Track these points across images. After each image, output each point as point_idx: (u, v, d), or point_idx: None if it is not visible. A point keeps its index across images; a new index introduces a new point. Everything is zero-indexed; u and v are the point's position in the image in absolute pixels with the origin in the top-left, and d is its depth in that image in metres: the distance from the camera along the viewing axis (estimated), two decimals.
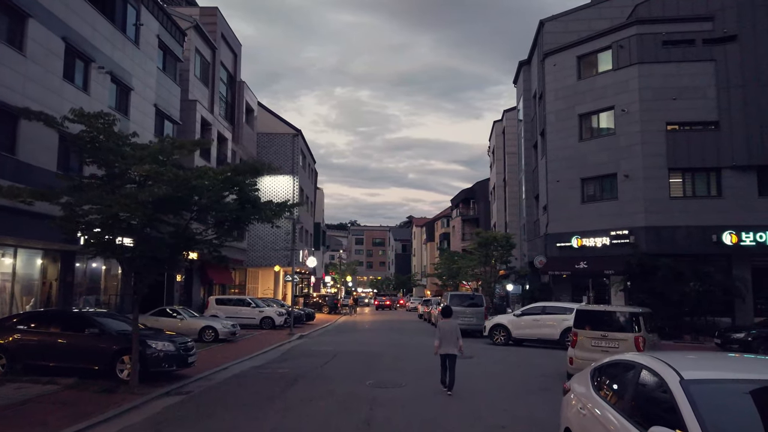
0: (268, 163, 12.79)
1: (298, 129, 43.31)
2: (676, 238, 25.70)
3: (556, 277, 29.44)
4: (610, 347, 12.81)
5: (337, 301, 49.46)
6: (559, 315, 21.73)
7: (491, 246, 35.67)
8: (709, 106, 26.11)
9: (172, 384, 12.21)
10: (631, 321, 13.00)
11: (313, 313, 36.18)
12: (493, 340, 22.77)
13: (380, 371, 14.75)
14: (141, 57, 22.26)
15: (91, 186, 10.85)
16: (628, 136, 26.85)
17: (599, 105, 28.22)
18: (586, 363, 13.43)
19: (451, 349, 11.55)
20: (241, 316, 28.53)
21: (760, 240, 24.86)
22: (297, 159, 42.45)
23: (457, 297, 27.85)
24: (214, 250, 13.23)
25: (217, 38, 31.70)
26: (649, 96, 26.50)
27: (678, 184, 26.35)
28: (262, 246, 40.72)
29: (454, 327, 11.83)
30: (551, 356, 18.79)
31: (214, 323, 21.54)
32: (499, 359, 17.88)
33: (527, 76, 36.54)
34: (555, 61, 30.17)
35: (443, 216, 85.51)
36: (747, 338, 20.48)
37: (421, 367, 15.38)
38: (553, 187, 29.91)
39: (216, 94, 31.75)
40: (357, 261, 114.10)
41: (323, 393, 11.56)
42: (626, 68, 27.11)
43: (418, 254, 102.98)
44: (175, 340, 13.07)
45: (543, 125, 31.54)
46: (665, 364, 4.27)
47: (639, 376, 4.54)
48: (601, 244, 27.27)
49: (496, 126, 49.90)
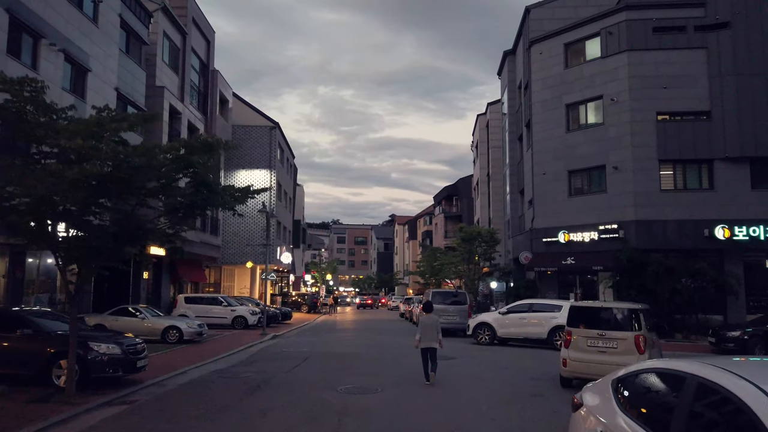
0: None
1: (276, 122, 41.76)
2: (667, 232, 24.68)
3: (542, 274, 28.28)
4: (608, 347, 11.59)
5: (316, 300, 47.98)
6: (547, 313, 20.57)
7: (475, 242, 34.45)
8: (700, 96, 25.11)
9: (118, 392, 10.76)
10: (631, 318, 11.78)
11: (290, 312, 34.71)
12: (477, 340, 21.54)
13: (355, 375, 13.40)
14: (100, 36, 20.66)
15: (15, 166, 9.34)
16: (617, 126, 25.77)
17: (587, 94, 27.09)
18: (582, 365, 12.23)
19: (431, 343, 12.05)
20: (212, 315, 27.06)
21: (753, 234, 23.90)
22: (274, 152, 40.91)
23: (439, 294, 26.57)
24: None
25: (188, 23, 30.10)
26: (638, 84, 25.43)
27: (669, 177, 25.32)
28: (238, 243, 39.15)
29: (435, 322, 12.38)
30: (540, 357, 17.58)
31: (178, 323, 20.02)
32: (484, 360, 16.62)
33: (512, 66, 35.34)
34: (541, 49, 29.01)
35: (426, 214, 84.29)
36: (743, 337, 19.51)
37: (400, 371, 14.07)
38: (539, 181, 28.76)
39: (187, 82, 30.15)
40: (339, 260, 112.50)
41: (287, 401, 10.19)
42: (615, 56, 26.00)
43: (401, 252, 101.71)
44: (121, 341, 11.60)
45: (529, 116, 30.37)
46: (736, 376, 2.99)
47: (693, 391, 3.24)
48: (589, 239, 26.17)
49: (479, 119, 48.67)
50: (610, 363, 11.45)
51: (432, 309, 13.04)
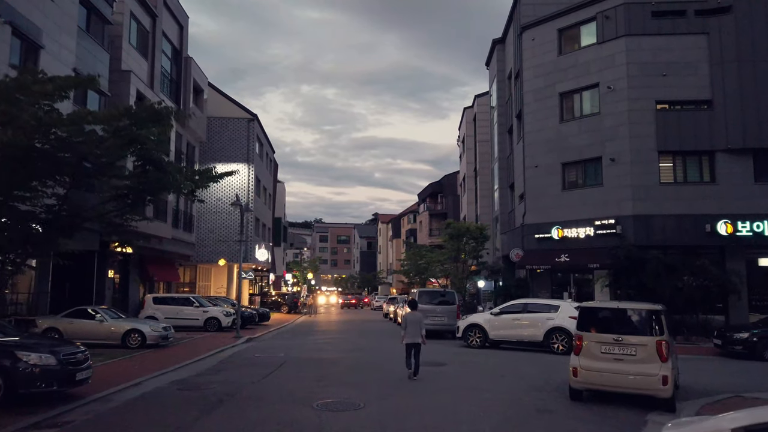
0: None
1: (254, 114, 39.86)
2: (667, 227, 23.34)
3: (534, 272, 26.82)
4: (626, 354, 10.06)
5: (297, 300, 46.15)
6: (543, 313, 19.08)
7: (463, 238, 32.90)
8: (701, 84, 23.80)
9: (50, 411, 9.02)
10: (650, 320, 10.26)
11: (268, 312, 32.88)
12: (467, 343, 19.99)
13: (334, 386, 11.75)
14: (55, 11, 18.72)
15: None
16: (614, 116, 24.38)
17: (582, 82, 25.64)
18: (596, 375, 10.69)
19: (415, 338, 12.63)
20: (182, 317, 25.25)
21: (757, 230, 22.64)
22: (252, 146, 39.02)
23: (426, 294, 24.94)
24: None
25: (158, 5, 28.15)
26: (636, 72, 24.06)
27: (668, 169, 23.98)
28: (214, 240, 37.24)
29: (419, 319, 13.03)
30: (538, 362, 16.07)
31: (141, 326, 18.17)
32: (477, 367, 15.05)
33: (501, 56, 33.83)
34: (533, 35, 27.53)
35: (410, 212, 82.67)
36: (752, 339, 18.23)
37: (384, 380, 12.45)
38: (531, 174, 27.29)
39: (157, 69, 28.20)
40: (321, 259, 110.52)
41: (252, 422, 8.54)
42: (612, 41, 24.60)
43: (384, 251, 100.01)
44: (58, 350, 9.83)
45: (520, 106, 28.89)
46: None
47: None
48: (585, 235, 24.75)
49: (466, 113, 47.06)
50: (628, 373, 9.95)
51: (416, 306, 14.13)
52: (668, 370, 9.79)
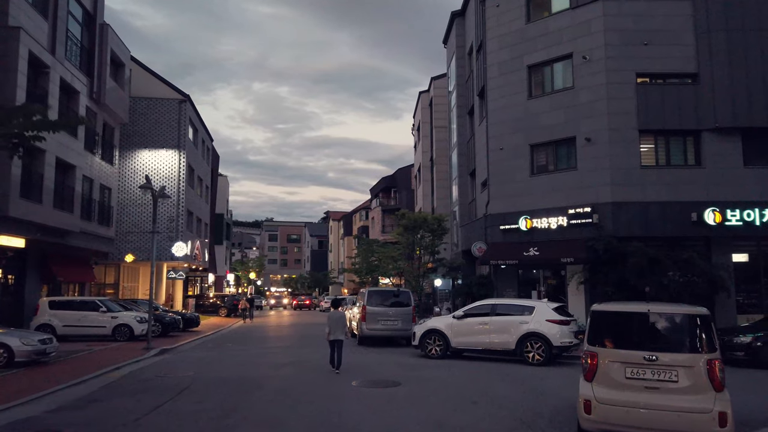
0: None
1: (186, 94, 35.64)
2: (649, 216, 20.58)
3: (499, 268, 23.74)
4: (663, 380, 6.86)
5: (237, 302, 42.06)
6: (515, 316, 15.93)
7: (419, 231, 29.59)
8: (686, 55, 21.15)
9: None
10: (695, 330, 7.11)
11: (197, 317, 28.85)
12: (425, 352, 16.70)
13: (246, 427, 8.19)
14: None
15: None
16: (590, 90, 21.49)
17: (553, 53, 22.62)
18: (619, 411, 7.06)
19: (339, 335, 13.56)
20: (87, 324, 21.23)
21: (747, 219, 20.10)
22: (184, 130, 34.78)
23: (378, 294, 21.38)
24: None
25: None
26: (615, 40, 21.24)
27: (650, 151, 21.25)
28: (139, 236, 32.91)
29: (342, 316, 14.00)
30: (513, 379, 12.84)
31: (8, 339, 14.08)
32: (440, 387, 11.68)
33: (461, 30, 30.68)
34: (498, 1, 24.45)
35: (362, 208, 79.21)
36: (755, 343, 15.64)
37: (319, 411, 8.95)
38: (495, 157, 24.19)
39: (61, 31, 23.81)
40: (270, 258, 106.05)
41: None
42: (587, 5, 21.69)
43: (335, 250, 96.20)
44: None
45: (482, 82, 25.77)
46: None
47: None
48: (557, 226, 21.78)
49: (422, 97, 43.73)
50: (667, 408, 6.75)
51: (339, 305, 15.48)
52: (727, 405, 6.66)
